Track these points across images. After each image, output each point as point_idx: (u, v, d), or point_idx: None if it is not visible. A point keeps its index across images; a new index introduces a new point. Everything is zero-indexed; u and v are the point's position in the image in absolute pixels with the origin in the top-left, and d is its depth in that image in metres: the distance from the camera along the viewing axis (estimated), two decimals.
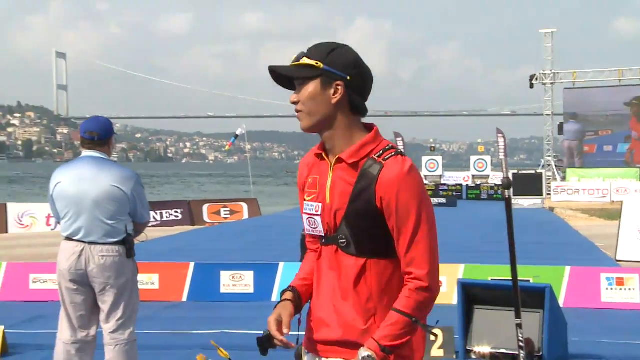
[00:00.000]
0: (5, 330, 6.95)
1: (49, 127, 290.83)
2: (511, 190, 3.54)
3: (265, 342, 2.57)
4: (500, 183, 35.13)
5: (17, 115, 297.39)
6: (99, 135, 5.34)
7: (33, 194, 52.89)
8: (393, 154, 2.49)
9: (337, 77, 2.48)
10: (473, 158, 41.81)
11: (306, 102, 2.51)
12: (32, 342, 7.23)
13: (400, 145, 48.73)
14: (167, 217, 22.19)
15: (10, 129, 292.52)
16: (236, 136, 24.27)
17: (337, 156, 2.54)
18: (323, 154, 2.59)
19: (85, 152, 5.34)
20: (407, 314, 2.42)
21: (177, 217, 22.63)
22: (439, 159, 42.63)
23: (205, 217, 23.22)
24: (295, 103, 2.53)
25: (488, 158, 41.57)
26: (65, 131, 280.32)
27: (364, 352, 2.42)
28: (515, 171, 33.76)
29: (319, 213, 2.56)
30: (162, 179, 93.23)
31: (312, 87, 2.50)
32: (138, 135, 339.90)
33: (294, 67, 2.52)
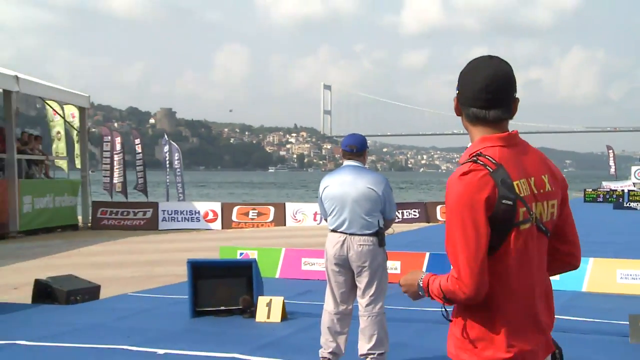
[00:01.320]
0: (285, 300, 7.24)
1: (316, 143, 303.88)
2: None
3: None
4: None
5: (294, 134, 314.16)
6: (357, 148, 5.42)
7: (304, 194, 55.26)
8: (467, 160, 2.13)
9: (456, 94, 2.25)
10: None
11: None
12: (304, 311, 7.41)
13: (610, 157, 43.84)
14: (407, 216, 22.19)
15: (288, 146, 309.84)
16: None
17: None
18: None
19: (346, 162, 5.43)
20: (442, 289, 2.14)
21: (415, 215, 22.58)
22: None
23: (438, 216, 23.07)
24: None
25: None
26: (328, 147, 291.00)
27: (422, 275, 2.26)
28: None
29: None
30: (403, 184, 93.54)
31: None
32: (384, 150, 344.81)
33: None
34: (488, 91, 2.14)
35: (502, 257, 2.10)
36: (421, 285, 2.25)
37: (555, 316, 2.34)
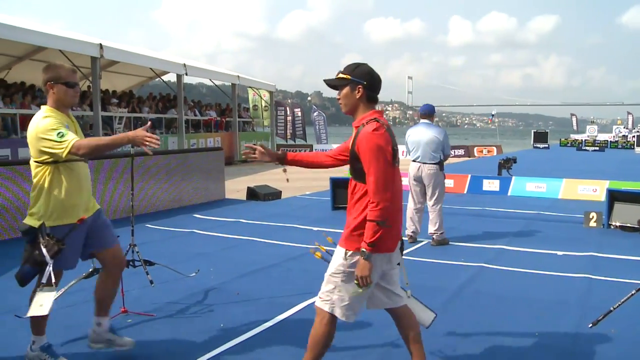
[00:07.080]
0: None
1: (403, 110, 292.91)
2: None
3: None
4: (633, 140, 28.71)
5: (390, 105, 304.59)
6: (428, 112, 5.31)
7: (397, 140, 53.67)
8: (370, 120, 2.03)
9: (359, 83, 2.07)
10: (614, 127, 35.54)
11: (343, 99, 2.12)
12: None
13: (574, 120, 41.99)
14: (456, 153, 21.04)
15: (387, 112, 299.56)
16: (492, 115, 22.28)
17: None
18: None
19: (422, 121, 5.31)
20: (374, 219, 1.96)
21: (461, 153, 21.40)
22: (595, 127, 35.55)
23: (475, 153, 21.65)
24: (339, 99, 2.14)
25: (622, 127, 34.76)
26: (410, 112, 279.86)
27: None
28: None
29: None
30: (454, 136, 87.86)
31: (345, 90, 2.11)
32: (443, 114, 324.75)
33: (334, 79, 2.14)
34: (380, 84, 2.13)
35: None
36: (365, 251, 1.99)
37: (542, 212, 2.19)
